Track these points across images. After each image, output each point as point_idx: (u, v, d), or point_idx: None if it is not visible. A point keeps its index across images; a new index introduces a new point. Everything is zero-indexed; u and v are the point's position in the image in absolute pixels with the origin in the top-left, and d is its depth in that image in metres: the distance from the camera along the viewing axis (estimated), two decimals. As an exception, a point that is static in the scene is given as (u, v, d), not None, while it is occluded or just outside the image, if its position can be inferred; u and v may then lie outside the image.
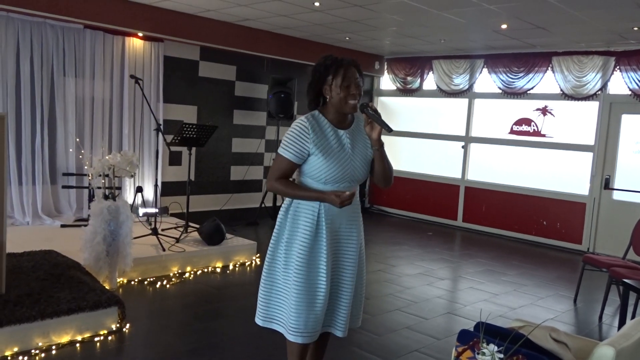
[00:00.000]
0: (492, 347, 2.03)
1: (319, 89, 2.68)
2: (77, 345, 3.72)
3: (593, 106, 8.07)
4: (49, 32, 6.52)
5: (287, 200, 2.75)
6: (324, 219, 2.64)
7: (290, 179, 2.72)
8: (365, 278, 2.92)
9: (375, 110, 2.62)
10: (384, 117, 2.64)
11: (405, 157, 10.25)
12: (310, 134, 2.60)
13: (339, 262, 2.73)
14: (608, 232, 7.90)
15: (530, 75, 8.46)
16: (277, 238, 2.74)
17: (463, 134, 9.48)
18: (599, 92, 7.88)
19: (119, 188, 6.62)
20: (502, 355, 2.02)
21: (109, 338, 3.87)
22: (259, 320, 2.80)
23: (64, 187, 6.82)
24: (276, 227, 2.76)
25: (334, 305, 2.74)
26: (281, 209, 2.77)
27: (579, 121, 8.26)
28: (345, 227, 2.73)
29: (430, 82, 9.82)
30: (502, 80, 8.79)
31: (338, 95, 2.61)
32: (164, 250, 5.56)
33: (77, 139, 6.83)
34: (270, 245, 2.77)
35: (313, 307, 2.63)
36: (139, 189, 6.19)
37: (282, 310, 2.72)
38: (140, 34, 7.15)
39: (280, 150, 2.66)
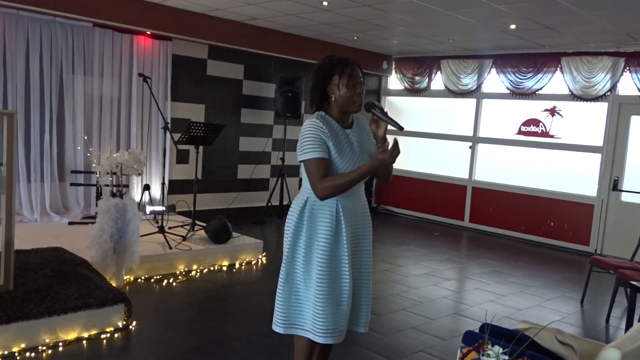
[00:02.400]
0: (497, 348, 2.03)
1: (324, 88, 2.67)
2: (84, 342, 3.74)
3: (602, 107, 8.02)
4: (58, 31, 6.55)
5: (299, 201, 2.68)
6: (343, 215, 2.62)
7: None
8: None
9: (382, 109, 2.65)
10: (391, 116, 2.64)
11: (412, 157, 10.23)
12: (327, 132, 2.60)
13: (358, 258, 2.74)
14: (616, 234, 7.85)
15: (539, 76, 8.43)
16: (294, 241, 2.66)
17: (471, 134, 9.45)
18: (608, 93, 7.84)
19: (127, 186, 6.65)
20: (507, 357, 2.01)
21: (116, 335, 3.89)
22: (278, 328, 2.70)
23: (72, 184, 6.86)
24: (291, 230, 2.67)
25: (356, 301, 2.74)
26: (292, 211, 2.70)
27: (587, 122, 8.21)
28: (360, 222, 2.74)
29: (438, 82, 9.80)
30: (511, 81, 8.76)
31: (345, 95, 2.62)
32: (170, 248, 5.58)
33: (86, 137, 6.87)
34: (286, 249, 2.68)
35: (339, 306, 2.61)
36: (147, 187, 6.22)
37: (304, 314, 2.66)
38: (148, 33, 7.17)
39: (307, 155, 2.56)
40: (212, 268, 5.75)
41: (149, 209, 6.58)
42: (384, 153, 2.47)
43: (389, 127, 2.67)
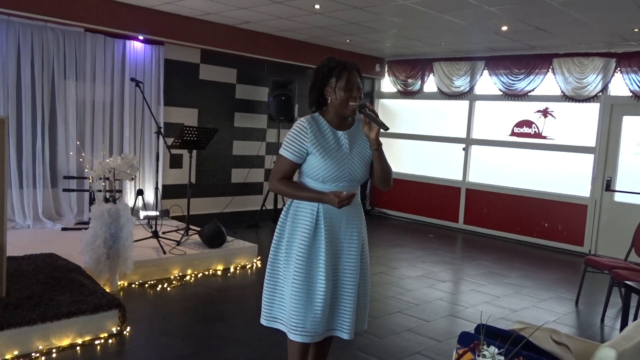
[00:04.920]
0: (493, 349, 2.02)
1: (321, 90, 2.71)
2: (78, 348, 3.71)
3: (594, 108, 8.06)
4: (49, 36, 6.53)
5: (288, 201, 2.78)
6: (323, 219, 2.67)
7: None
8: (369, 279, 2.92)
9: (373, 110, 2.65)
10: (383, 119, 2.66)
11: (406, 160, 10.24)
12: (309, 134, 2.65)
13: (340, 263, 2.73)
14: (609, 234, 7.88)
15: (531, 77, 8.46)
16: (279, 238, 2.77)
17: (464, 136, 9.47)
18: (600, 94, 7.88)
19: (120, 191, 6.62)
20: (502, 358, 2.01)
21: (110, 341, 3.86)
22: (263, 321, 2.81)
23: (64, 190, 6.82)
24: (278, 227, 2.79)
25: (338, 306, 2.74)
26: (283, 210, 2.80)
27: (580, 123, 8.24)
28: (345, 227, 2.73)
29: (431, 84, 9.82)
30: (503, 82, 8.79)
31: (340, 98, 2.65)
32: (164, 253, 5.56)
33: (78, 142, 6.84)
34: (272, 245, 2.80)
35: (312, 306, 2.64)
36: (140, 192, 6.20)
37: (284, 309, 2.74)
38: (140, 37, 7.16)
39: (281, 151, 2.71)
40: (206, 272, 5.73)
41: (142, 214, 6.54)
42: (336, 198, 2.54)
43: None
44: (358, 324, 2.85)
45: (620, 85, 7.74)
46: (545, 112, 8.54)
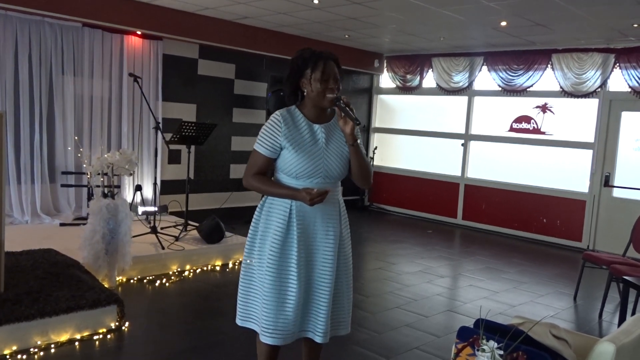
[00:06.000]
0: (492, 343, 2.02)
1: (297, 82, 2.61)
2: (76, 343, 3.71)
3: (593, 103, 8.05)
4: (47, 31, 6.50)
5: (263, 197, 2.70)
6: (295, 217, 2.56)
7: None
8: (351, 281, 2.79)
9: (347, 104, 2.51)
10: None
11: (404, 155, 10.25)
12: (282, 128, 2.55)
13: (315, 263, 2.60)
14: (608, 230, 7.89)
15: (530, 73, 8.45)
16: (253, 236, 2.67)
17: (463, 131, 9.47)
18: (599, 90, 7.87)
19: (118, 186, 6.61)
20: (502, 352, 2.01)
21: (108, 336, 3.86)
22: (238, 320, 2.71)
23: (62, 185, 6.81)
24: (252, 225, 2.68)
25: (312, 308, 2.61)
26: (258, 206, 2.71)
27: (578, 118, 8.24)
28: (321, 226, 2.60)
29: (429, 79, 9.81)
30: (502, 78, 8.78)
31: (316, 89, 2.53)
32: (163, 248, 5.55)
33: (76, 138, 6.82)
34: (246, 243, 2.71)
35: (284, 308, 2.54)
36: (138, 188, 6.18)
37: (257, 309, 2.64)
38: (139, 32, 7.13)
39: (255, 146, 2.62)
40: (205, 268, 5.73)
41: (141, 209, 6.54)
42: (307, 195, 2.43)
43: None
44: (340, 327, 2.73)
45: (619, 80, 7.74)
46: (544, 108, 8.54)
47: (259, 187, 2.61)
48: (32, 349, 3.52)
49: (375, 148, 10.49)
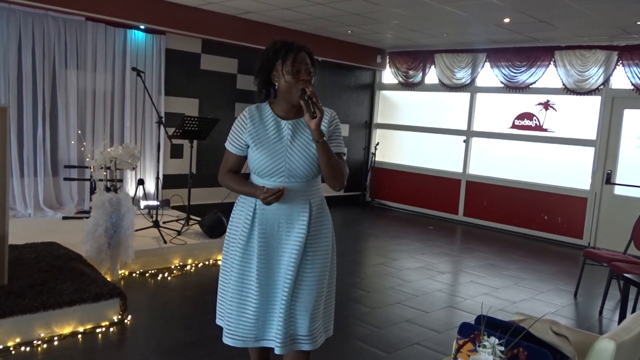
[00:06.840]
0: (493, 339, 2.03)
1: (268, 76, 2.46)
2: (79, 336, 3.73)
3: (595, 101, 8.05)
4: (50, 24, 6.51)
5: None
6: (257, 217, 2.44)
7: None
8: (333, 288, 2.63)
9: (312, 96, 2.30)
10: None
11: (406, 151, 10.25)
12: (248, 125, 2.46)
13: (278, 266, 2.45)
14: (609, 227, 7.90)
15: (533, 70, 8.44)
16: (228, 234, 2.60)
17: (465, 128, 9.46)
18: (601, 87, 7.87)
19: (121, 180, 6.60)
20: (503, 348, 2.03)
21: (111, 329, 3.88)
22: (217, 320, 2.61)
23: (65, 179, 6.82)
24: (229, 223, 2.62)
25: (271, 314, 2.44)
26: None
27: (581, 116, 8.24)
28: (285, 227, 2.44)
29: (432, 76, 9.80)
30: (504, 75, 8.77)
31: (288, 81, 2.38)
32: (165, 242, 5.57)
33: (79, 131, 6.84)
34: (225, 242, 2.63)
35: (245, 310, 2.44)
36: (141, 182, 6.20)
37: (224, 308, 2.56)
38: (142, 27, 7.13)
39: (225, 143, 2.56)
40: (207, 262, 5.75)
41: (143, 203, 6.56)
42: (263, 194, 2.32)
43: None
44: (302, 341, 2.45)
45: (622, 78, 7.73)
46: (546, 105, 8.54)
47: (228, 185, 2.56)
48: (35, 342, 3.54)
49: (377, 144, 10.49)
